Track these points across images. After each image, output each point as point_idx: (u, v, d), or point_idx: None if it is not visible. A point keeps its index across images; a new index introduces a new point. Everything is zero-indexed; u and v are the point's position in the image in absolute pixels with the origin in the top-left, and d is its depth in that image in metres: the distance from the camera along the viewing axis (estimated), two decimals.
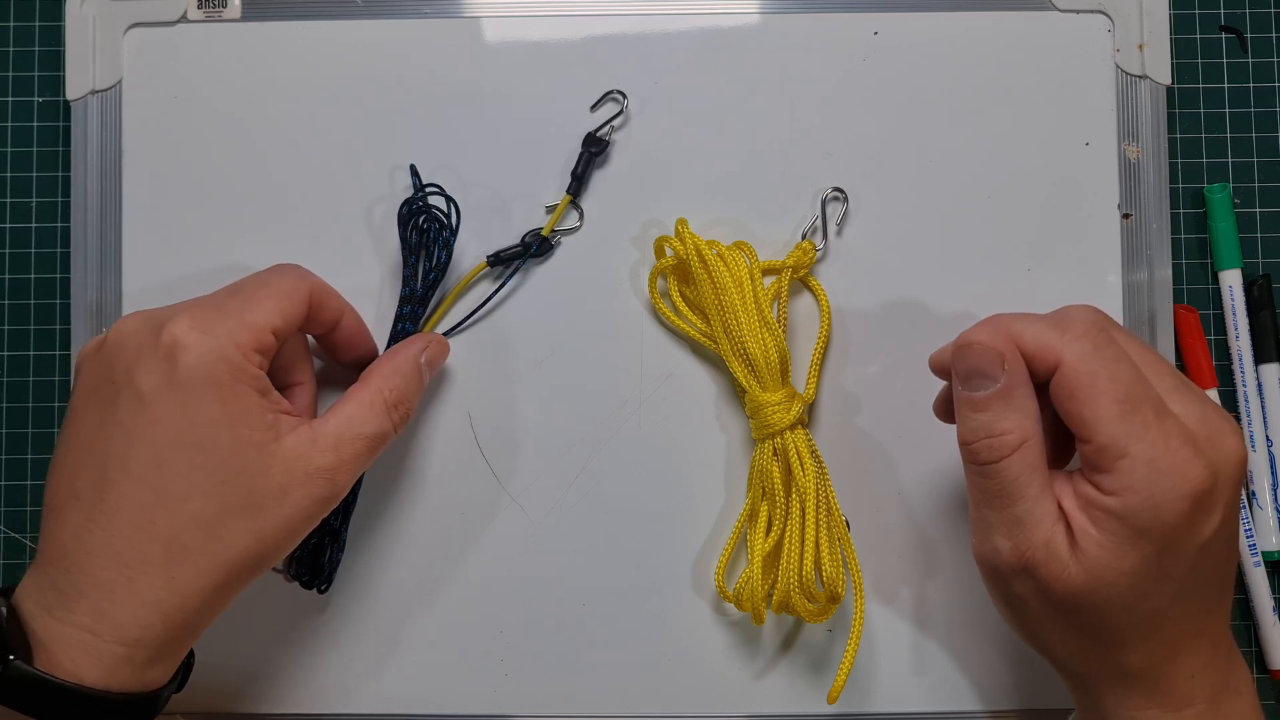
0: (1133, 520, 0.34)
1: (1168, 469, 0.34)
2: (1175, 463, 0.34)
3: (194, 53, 0.48)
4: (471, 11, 0.48)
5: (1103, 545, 0.34)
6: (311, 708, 0.47)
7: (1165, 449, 0.34)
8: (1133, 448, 0.34)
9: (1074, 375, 0.35)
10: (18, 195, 0.50)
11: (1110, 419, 0.34)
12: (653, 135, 0.48)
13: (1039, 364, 0.36)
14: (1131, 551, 0.34)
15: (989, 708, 0.46)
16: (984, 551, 0.37)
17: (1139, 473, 0.34)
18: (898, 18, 0.48)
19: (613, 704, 0.46)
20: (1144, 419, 0.34)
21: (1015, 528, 0.36)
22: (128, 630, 0.35)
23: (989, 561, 0.37)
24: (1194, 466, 0.34)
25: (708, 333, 0.46)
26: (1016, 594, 0.37)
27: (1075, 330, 0.36)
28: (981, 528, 0.37)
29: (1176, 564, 0.35)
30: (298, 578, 0.45)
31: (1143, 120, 0.47)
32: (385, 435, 0.41)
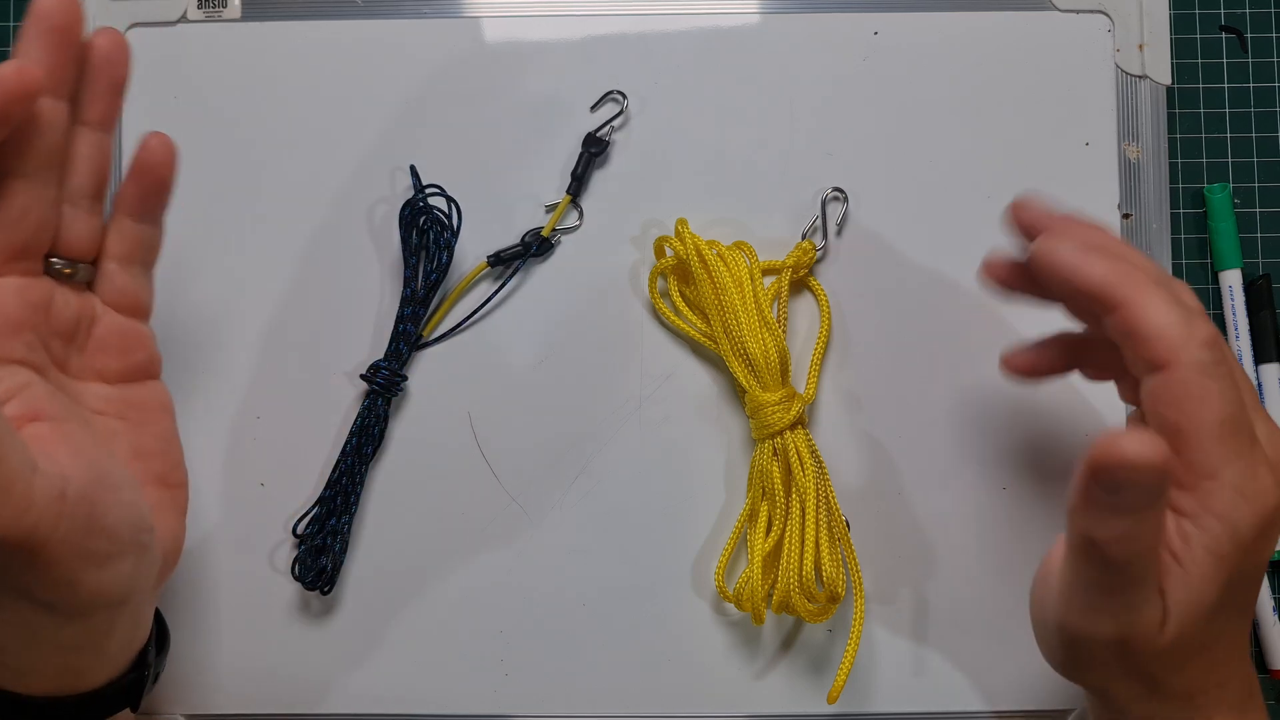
0: (1215, 547, 0.32)
1: (1251, 495, 0.32)
2: (1259, 488, 0.32)
3: (194, 53, 0.48)
4: (471, 11, 0.48)
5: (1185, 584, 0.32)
6: (312, 708, 0.47)
7: (1254, 475, 0.32)
8: (1224, 471, 0.32)
9: (1185, 383, 0.32)
10: None
11: (1213, 439, 0.32)
12: (653, 135, 0.48)
13: (1146, 353, 0.33)
14: (1211, 584, 0.32)
15: (989, 708, 0.46)
16: (1080, 626, 0.34)
17: (1225, 496, 0.32)
18: (898, 18, 0.48)
19: (613, 704, 0.46)
20: (1240, 444, 0.32)
21: (1125, 612, 0.33)
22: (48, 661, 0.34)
23: (1083, 634, 0.34)
24: (1271, 493, 0.32)
25: (708, 333, 0.46)
26: (1097, 659, 0.34)
27: (1201, 335, 0.32)
28: (1081, 608, 0.34)
29: (1239, 585, 0.33)
30: (300, 579, 0.45)
31: (1143, 120, 0.47)
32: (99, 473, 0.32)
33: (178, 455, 0.39)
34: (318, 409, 0.47)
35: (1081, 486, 0.31)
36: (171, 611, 0.46)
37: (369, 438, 0.46)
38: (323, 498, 0.46)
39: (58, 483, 0.31)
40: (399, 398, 0.47)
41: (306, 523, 0.46)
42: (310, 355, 0.47)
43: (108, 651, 0.36)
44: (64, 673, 0.35)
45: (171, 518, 0.38)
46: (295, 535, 0.46)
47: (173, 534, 0.38)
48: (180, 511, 0.39)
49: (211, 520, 0.47)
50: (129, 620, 0.36)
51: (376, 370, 0.46)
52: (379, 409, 0.46)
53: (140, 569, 0.35)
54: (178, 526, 0.39)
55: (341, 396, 0.47)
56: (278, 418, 0.47)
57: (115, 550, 0.33)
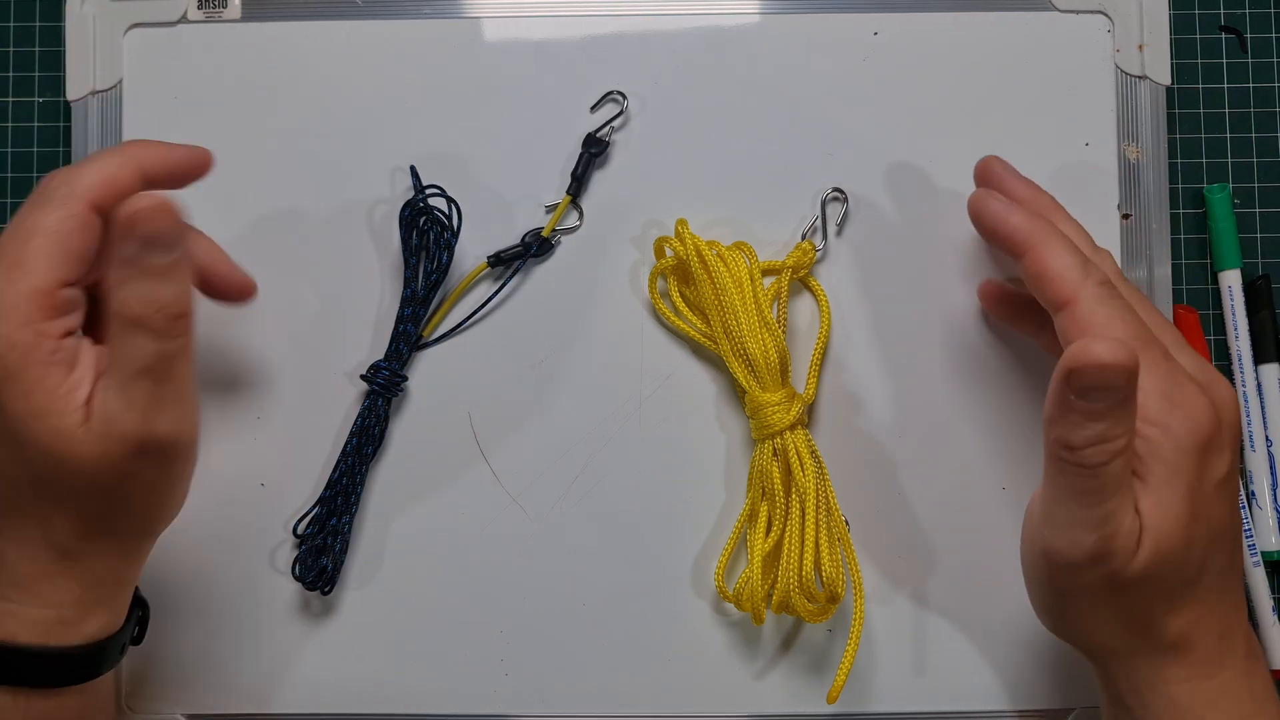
0: (1160, 451, 0.34)
1: (1179, 402, 0.35)
2: (1185, 396, 0.35)
3: (194, 53, 0.48)
4: (472, 11, 0.48)
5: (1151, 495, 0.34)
6: (312, 708, 0.47)
7: (1175, 381, 0.35)
8: (1145, 379, 0.34)
9: (1087, 313, 0.36)
10: (18, 195, 0.50)
11: None
12: (653, 135, 0.48)
13: (1050, 293, 0.37)
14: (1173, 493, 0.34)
15: (989, 708, 0.46)
16: (1061, 546, 0.35)
17: (1154, 404, 0.34)
18: (898, 18, 0.48)
19: (613, 704, 0.46)
20: (1153, 356, 0.35)
21: (1105, 522, 0.34)
22: (47, 596, 0.35)
23: (1066, 555, 0.35)
24: (1201, 402, 0.35)
25: (708, 333, 0.46)
26: (1081, 584, 0.36)
27: (1099, 274, 0.37)
28: (1064, 524, 0.35)
29: (1202, 505, 0.35)
30: (300, 579, 0.45)
31: (1143, 120, 0.47)
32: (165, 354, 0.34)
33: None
34: (318, 409, 0.47)
35: (1057, 394, 0.34)
36: (172, 611, 0.46)
37: (369, 438, 0.46)
38: (323, 498, 0.46)
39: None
40: (399, 398, 0.47)
41: (306, 523, 0.46)
42: (310, 355, 0.47)
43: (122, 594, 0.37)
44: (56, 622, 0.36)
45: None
46: (295, 535, 0.46)
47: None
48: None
49: (211, 520, 0.47)
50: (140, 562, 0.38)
51: (376, 370, 0.46)
52: (379, 409, 0.46)
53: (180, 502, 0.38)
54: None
55: (341, 396, 0.47)
56: (278, 418, 0.47)
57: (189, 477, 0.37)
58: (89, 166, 0.36)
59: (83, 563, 0.36)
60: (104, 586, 0.37)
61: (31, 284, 0.33)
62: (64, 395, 0.33)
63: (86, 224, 0.35)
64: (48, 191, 0.35)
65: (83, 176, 0.35)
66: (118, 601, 0.38)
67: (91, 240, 0.35)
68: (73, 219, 0.34)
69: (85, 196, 0.35)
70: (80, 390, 0.34)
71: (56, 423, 0.33)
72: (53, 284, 0.34)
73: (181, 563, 0.46)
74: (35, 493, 0.35)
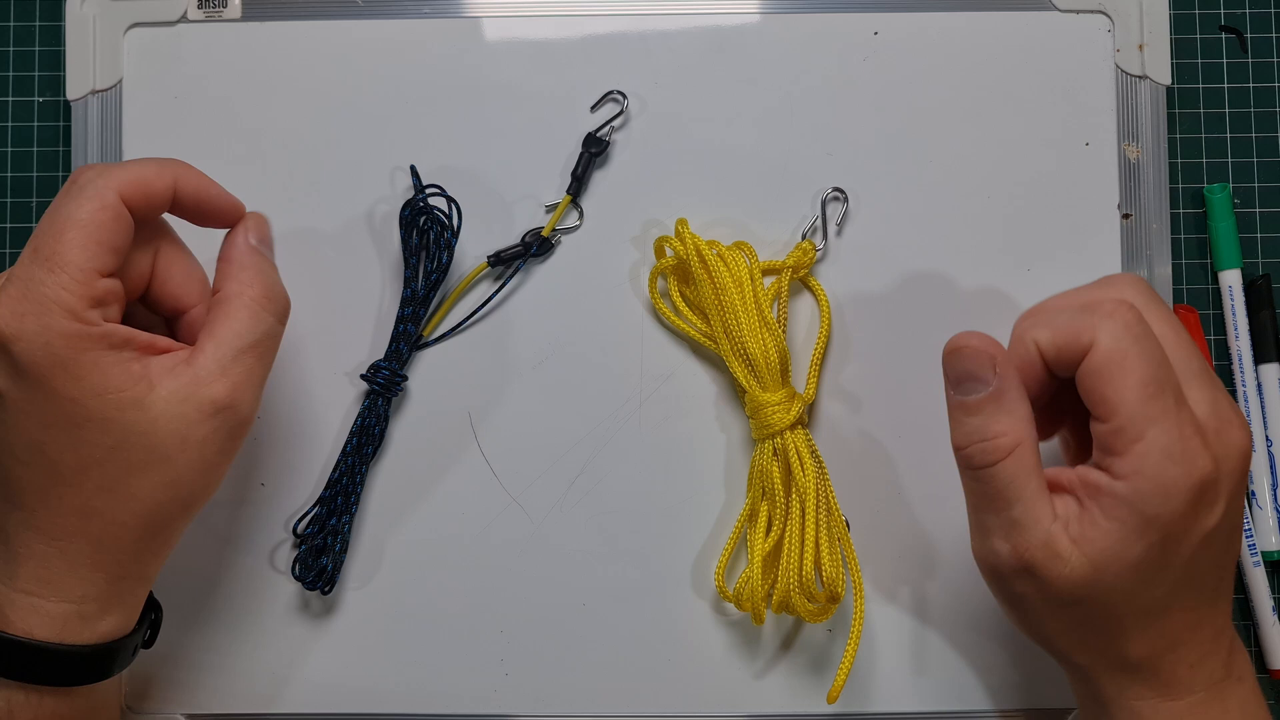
0: (1142, 506, 0.34)
1: (1179, 457, 0.34)
2: (1187, 452, 0.34)
3: (194, 53, 0.48)
4: (471, 11, 0.48)
5: (1109, 534, 0.34)
6: (312, 708, 0.47)
7: (1179, 436, 0.34)
8: (1149, 431, 0.34)
9: (1105, 354, 0.34)
10: (18, 195, 0.50)
11: (1133, 400, 0.34)
12: (653, 135, 0.48)
13: (1070, 354, 0.35)
14: (1137, 541, 0.34)
15: (989, 707, 0.46)
16: (983, 554, 0.37)
17: (1153, 458, 0.34)
18: (898, 18, 0.48)
19: (613, 704, 0.46)
20: (1164, 405, 0.34)
21: (1012, 530, 0.35)
22: (71, 590, 0.36)
23: (988, 563, 0.37)
24: (1202, 457, 0.34)
25: (708, 333, 0.46)
26: (1018, 593, 0.37)
27: (1106, 308, 0.35)
28: (979, 531, 0.37)
29: (1179, 553, 0.34)
30: (300, 579, 0.45)
31: (1143, 120, 0.47)
32: (271, 336, 0.39)
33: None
34: (318, 409, 0.47)
35: (947, 393, 0.36)
36: (172, 611, 0.46)
37: (369, 438, 0.46)
38: (323, 498, 0.46)
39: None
40: (399, 398, 0.47)
41: (306, 523, 0.46)
42: (310, 355, 0.47)
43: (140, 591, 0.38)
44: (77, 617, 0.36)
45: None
46: (295, 535, 0.46)
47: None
48: None
49: (211, 520, 0.47)
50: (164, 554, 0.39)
51: (376, 370, 0.46)
52: (379, 409, 0.46)
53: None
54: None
55: (341, 396, 0.47)
56: (278, 418, 0.47)
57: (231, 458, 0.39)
58: (124, 164, 0.37)
59: (114, 553, 0.36)
60: (126, 582, 0.37)
61: (70, 275, 0.34)
62: (119, 371, 0.35)
63: (119, 215, 0.36)
64: (80, 183, 0.36)
65: (115, 171, 0.36)
66: (135, 599, 0.38)
67: (125, 232, 0.36)
68: (105, 210, 0.35)
69: (116, 189, 0.36)
70: (134, 365, 0.35)
71: (117, 397, 0.35)
72: (90, 274, 0.35)
73: (182, 563, 0.46)
74: (87, 477, 0.35)
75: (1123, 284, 0.37)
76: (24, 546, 0.36)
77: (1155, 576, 0.35)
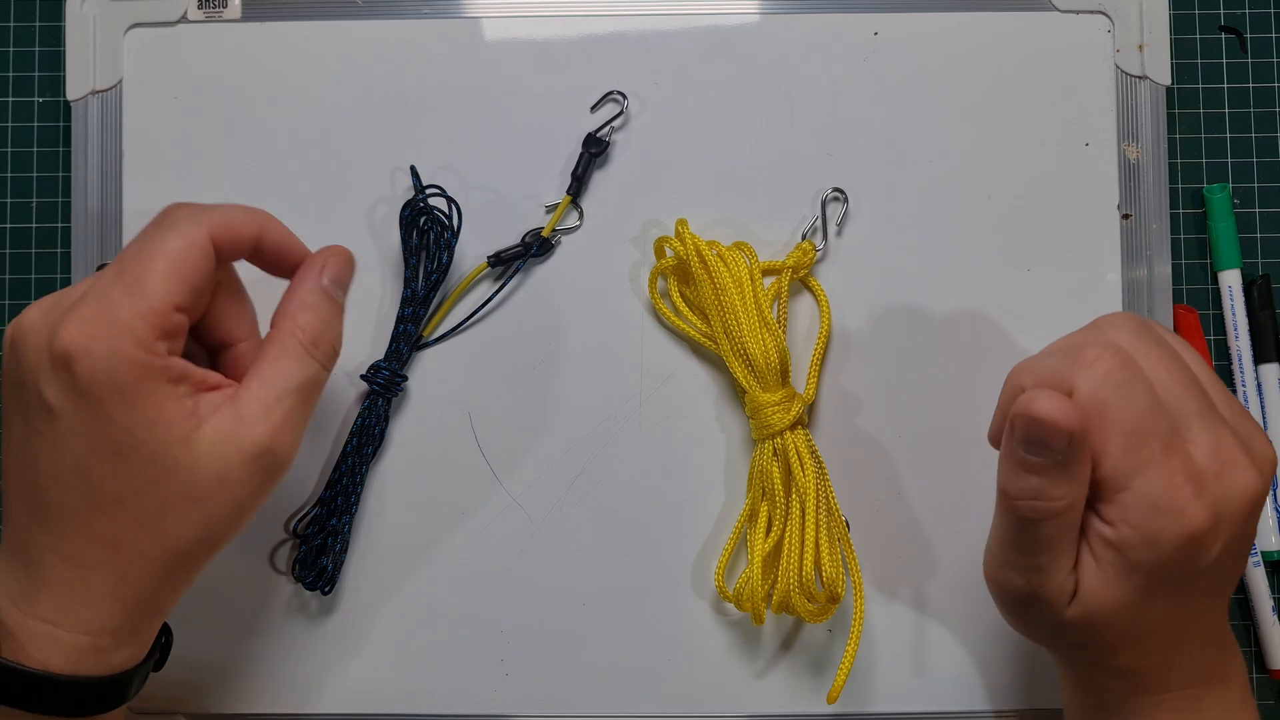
0: (1128, 553, 0.34)
1: (1166, 508, 0.33)
2: (1175, 502, 0.33)
3: (194, 53, 0.48)
4: (472, 11, 0.48)
5: (1098, 575, 0.35)
6: (312, 708, 0.47)
7: (1167, 487, 0.33)
8: (1134, 483, 0.33)
9: (1084, 405, 0.34)
10: (18, 195, 0.50)
11: (1115, 452, 0.33)
12: (653, 135, 0.48)
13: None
14: (1124, 583, 0.34)
15: (989, 708, 0.46)
16: (995, 576, 0.37)
17: (1137, 508, 0.33)
18: (898, 18, 0.48)
19: (613, 704, 0.46)
20: (1149, 453, 0.33)
21: (1034, 573, 0.35)
22: (89, 621, 0.35)
23: (997, 583, 0.37)
24: (1193, 507, 0.33)
25: (708, 333, 0.46)
26: (1016, 609, 0.37)
27: (1088, 355, 0.34)
28: (1000, 560, 0.37)
29: (1164, 590, 0.35)
30: (300, 579, 0.45)
31: (1143, 120, 0.47)
32: (316, 381, 0.38)
33: None
34: (318, 409, 0.47)
35: (1007, 438, 0.35)
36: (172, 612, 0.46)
37: (369, 438, 0.46)
38: (323, 498, 0.46)
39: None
40: (399, 398, 0.47)
41: (306, 523, 0.46)
42: None
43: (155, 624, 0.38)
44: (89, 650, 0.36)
45: None
46: (295, 535, 0.46)
47: None
48: None
49: None
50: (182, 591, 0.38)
51: (376, 370, 0.46)
52: (379, 409, 0.46)
53: None
54: None
55: (341, 396, 0.47)
56: None
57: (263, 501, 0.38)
58: (217, 206, 0.37)
59: (137, 587, 0.36)
60: (143, 616, 0.37)
61: (149, 304, 0.34)
62: (173, 405, 0.35)
63: (205, 254, 0.36)
64: (174, 217, 0.36)
65: (208, 212, 0.37)
66: (149, 631, 0.38)
67: (207, 272, 0.36)
68: (195, 247, 0.36)
69: (208, 229, 0.36)
70: (187, 401, 0.35)
71: (166, 431, 0.35)
72: (168, 306, 0.35)
73: None
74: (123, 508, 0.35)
75: (1113, 326, 0.36)
76: (48, 570, 0.35)
77: (1140, 610, 0.35)
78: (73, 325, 0.34)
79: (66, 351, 0.34)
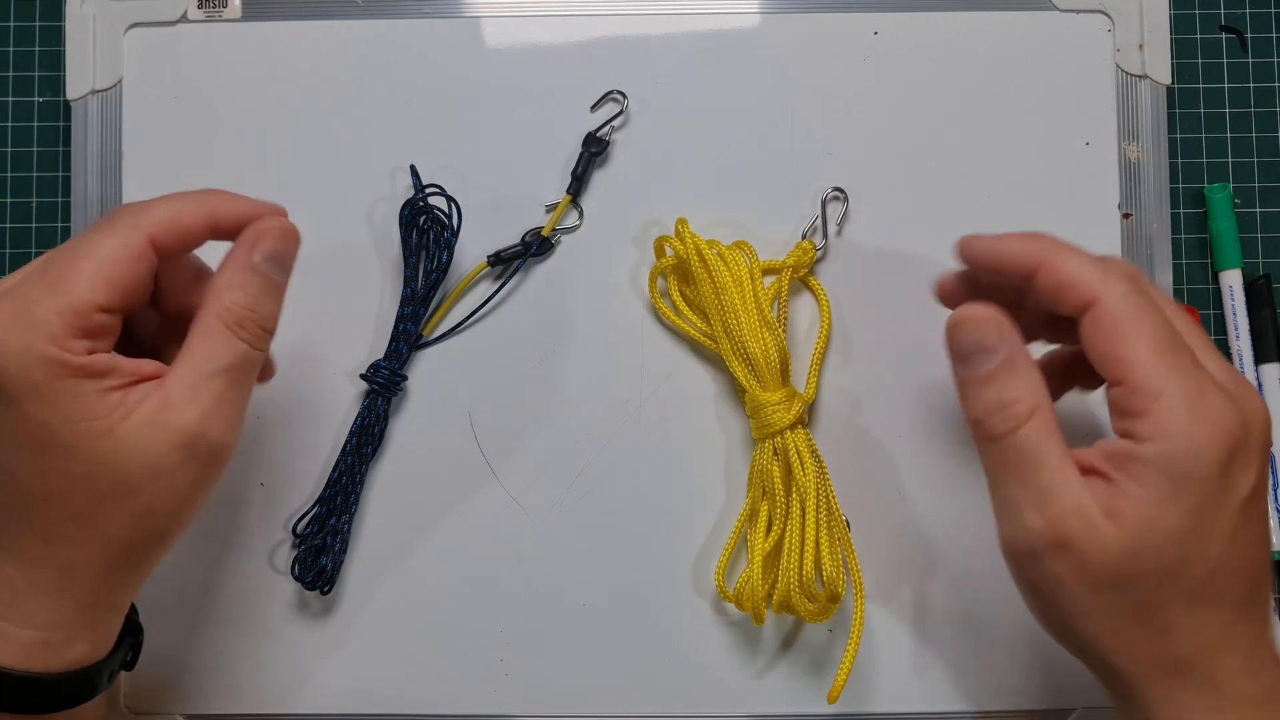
0: (1172, 467, 0.32)
1: (1205, 413, 0.32)
2: (1211, 407, 0.33)
3: (194, 53, 0.48)
4: (471, 11, 0.48)
5: (1144, 502, 0.32)
6: (311, 708, 0.47)
7: (1201, 392, 0.33)
8: (1169, 387, 0.32)
9: (1112, 312, 0.33)
10: (18, 195, 0.50)
11: (1149, 356, 0.33)
12: (653, 135, 0.48)
13: (1072, 298, 0.34)
14: (1174, 506, 0.32)
15: (989, 708, 0.46)
16: (1014, 533, 0.35)
17: (1178, 413, 0.32)
18: (898, 18, 0.48)
19: (613, 704, 0.46)
20: (1181, 363, 0.33)
21: (1044, 499, 0.33)
22: (35, 614, 0.35)
23: (1021, 543, 0.34)
24: (1229, 413, 0.33)
25: (708, 332, 0.46)
26: (1053, 575, 0.34)
27: (1119, 271, 0.35)
28: (1008, 510, 0.35)
29: (1219, 522, 0.33)
30: (300, 579, 0.45)
31: (1143, 120, 0.47)
32: (246, 361, 0.36)
33: None
34: (318, 409, 0.47)
35: (954, 372, 0.36)
36: (171, 611, 0.46)
37: (369, 438, 0.46)
38: (323, 498, 0.46)
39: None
40: (399, 398, 0.47)
41: (306, 523, 0.46)
42: (310, 355, 0.47)
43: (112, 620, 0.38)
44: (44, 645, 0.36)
45: None
46: (295, 535, 0.46)
47: None
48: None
49: (211, 520, 0.46)
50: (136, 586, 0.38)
51: (376, 370, 0.46)
52: (379, 409, 0.46)
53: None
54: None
55: (341, 396, 0.47)
56: (278, 418, 0.47)
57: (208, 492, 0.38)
58: (160, 203, 0.37)
59: (82, 582, 0.35)
60: (96, 610, 0.36)
61: (69, 302, 0.34)
62: (94, 400, 0.34)
63: (140, 256, 0.35)
64: (114, 219, 0.36)
65: (151, 211, 0.36)
66: (106, 628, 0.37)
67: (143, 273, 0.35)
68: (128, 249, 0.35)
69: (147, 231, 0.35)
70: (113, 395, 0.34)
71: (88, 426, 0.34)
72: (89, 307, 0.34)
73: (181, 562, 0.46)
74: (52, 504, 0.35)
75: (1122, 261, 0.37)
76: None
77: (1197, 550, 0.33)
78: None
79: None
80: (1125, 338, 0.33)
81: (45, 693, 0.36)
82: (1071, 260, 0.35)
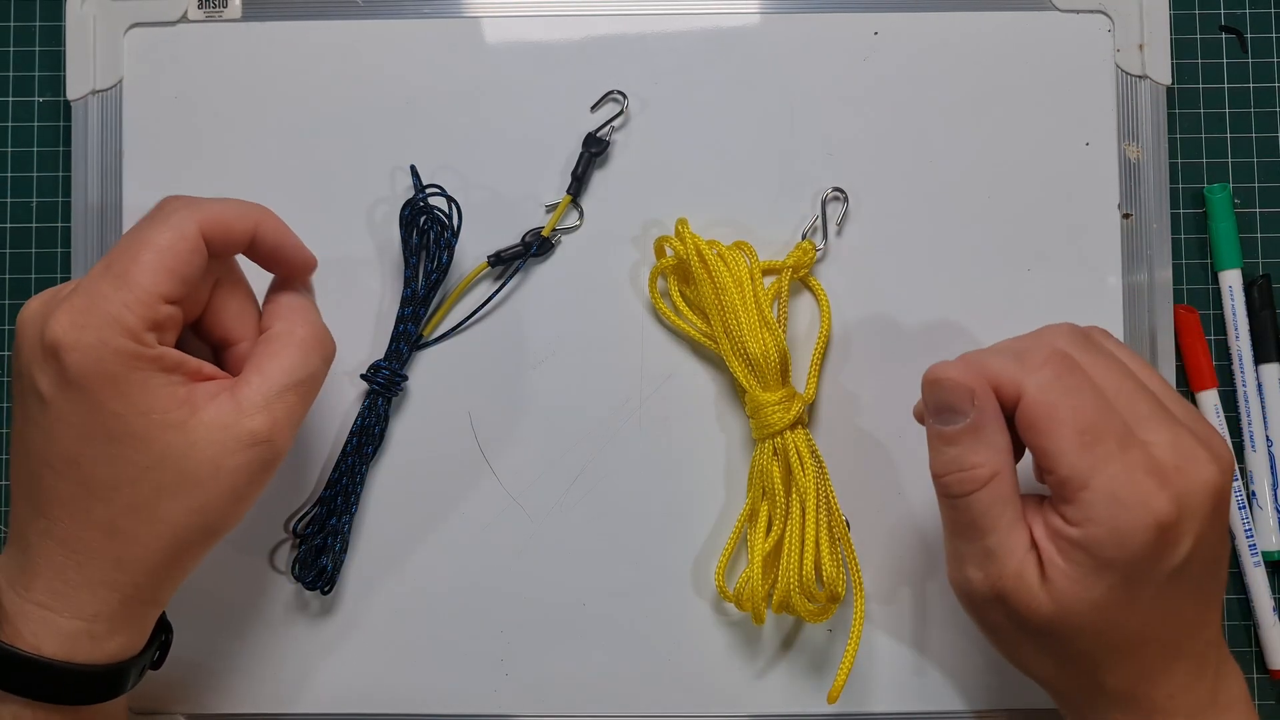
0: (1096, 551, 0.34)
1: (1130, 501, 0.33)
2: (1138, 494, 0.33)
3: (194, 53, 0.48)
4: (471, 11, 0.48)
5: (1069, 575, 0.34)
6: (311, 708, 0.47)
7: (1128, 480, 0.34)
8: (1094, 479, 0.34)
9: (1034, 407, 0.35)
10: (18, 195, 0.50)
11: (1070, 450, 0.34)
12: (653, 135, 0.48)
13: (1004, 397, 0.36)
14: (1097, 582, 0.34)
15: (989, 707, 0.46)
16: (958, 580, 0.38)
17: (1100, 504, 0.34)
18: (898, 18, 0.48)
19: (613, 704, 0.46)
20: (1106, 450, 0.34)
21: (987, 559, 0.36)
22: (84, 606, 0.36)
23: (962, 590, 0.37)
24: (1158, 498, 0.33)
25: (708, 333, 0.46)
26: (992, 621, 0.37)
27: (1035, 360, 0.35)
28: (955, 558, 0.37)
29: (1144, 592, 0.34)
30: (300, 579, 0.45)
31: (1143, 120, 0.47)
32: (316, 378, 0.39)
33: None
34: (318, 409, 0.47)
35: (927, 424, 0.37)
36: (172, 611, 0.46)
37: (369, 438, 0.46)
38: (323, 498, 0.46)
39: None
40: (399, 398, 0.47)
41: (306, 523, 0.46)
42: None
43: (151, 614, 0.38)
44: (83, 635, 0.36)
45: None
46: (295, 535, 0.46)
47: None
48: None
49: None
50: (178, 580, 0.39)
51: (376, 370, 0.46)
52: (379, 409, 0.46)
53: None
54: None
55: (341, 396, 0.47)
56: None
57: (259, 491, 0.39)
58: (211, 200, 0.38)
59: (133, 575, 0.36)
60: (139, 605, 0.37)
61: (136, 295, 0.35)
62: (165, 392, 0.36)
63: (195, 248, 0.36)
64: (166, 210, 0.37)
65: (202, 205, 0.37)
66: (145, 622, 0.38)
67: (198, 265, 0.37)
68: (184, 240, 0.36)
69: (199, 223, 0.37)
70: (180, 389, 0.36)
71: (161, 417, 0.35)
72: (155, 298, 0.35)
73: None
74: (118, 495, 0.35)
75: (1056, 333, 0.37)
76: (43, 556, 0.36)
77: (1121, 615, 0.35)
78: (62, 317, 0.35)
79: (55, 342, 0.35)
80: (1045, 433, 0.34)
81: (80, 684, 0.36)
82: (994, 362, 0.36)
